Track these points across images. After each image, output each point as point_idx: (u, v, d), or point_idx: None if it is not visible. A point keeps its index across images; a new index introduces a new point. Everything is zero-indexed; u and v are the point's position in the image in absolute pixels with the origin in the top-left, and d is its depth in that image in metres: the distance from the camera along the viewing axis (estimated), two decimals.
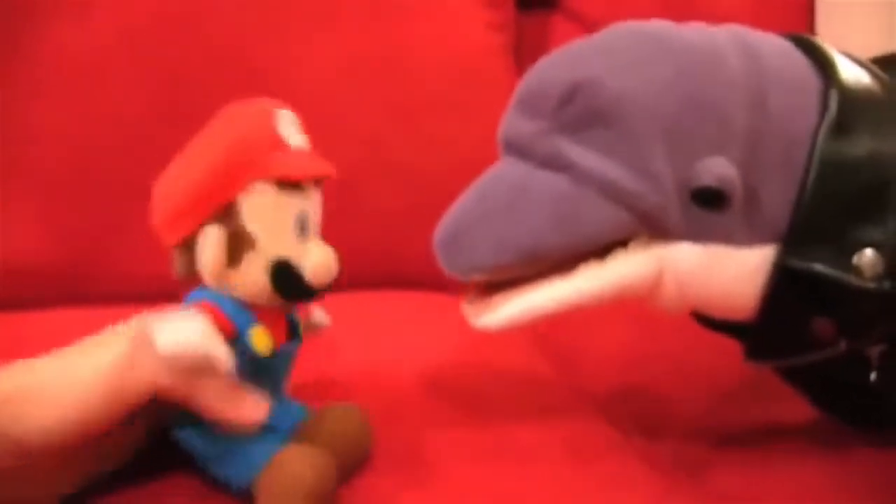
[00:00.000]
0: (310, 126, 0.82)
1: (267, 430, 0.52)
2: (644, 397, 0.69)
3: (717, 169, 0.52)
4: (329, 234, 0.54)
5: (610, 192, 0.53)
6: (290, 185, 0.51)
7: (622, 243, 0.54)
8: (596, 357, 0.74)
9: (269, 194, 0.50)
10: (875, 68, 0.57)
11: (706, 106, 0.53)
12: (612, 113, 0.53)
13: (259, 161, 0.50)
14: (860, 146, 0.54)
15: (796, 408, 0.62)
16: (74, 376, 0.48)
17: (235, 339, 0.50)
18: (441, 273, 0.56)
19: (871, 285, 0.52)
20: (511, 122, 0.57)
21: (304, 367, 0.56)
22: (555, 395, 0.68)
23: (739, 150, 0.53)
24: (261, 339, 0.51)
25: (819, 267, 0.53)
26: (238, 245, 0.50)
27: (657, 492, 0.57)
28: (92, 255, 0.79)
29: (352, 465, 0.55)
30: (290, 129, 0.52)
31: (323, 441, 0.53)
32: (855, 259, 0.53)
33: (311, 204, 0.53)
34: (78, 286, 0.80)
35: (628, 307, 0.58)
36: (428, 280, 0.57)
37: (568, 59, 0.57)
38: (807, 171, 0.53)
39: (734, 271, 0.54)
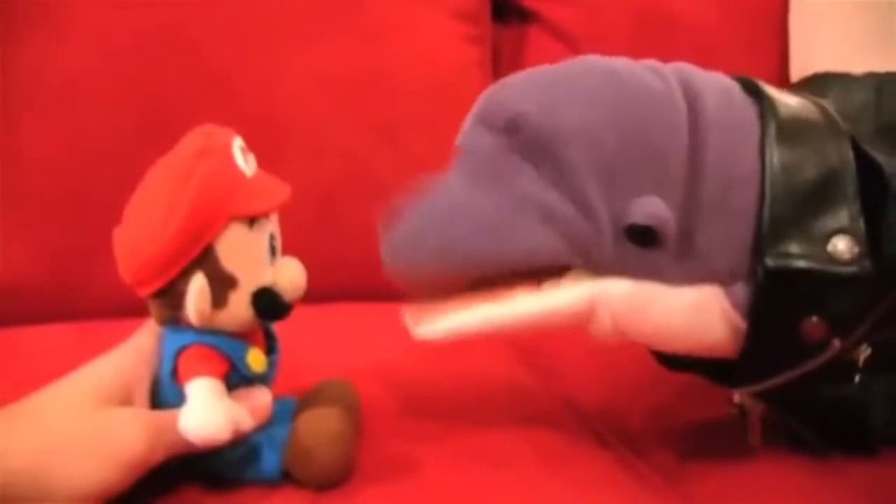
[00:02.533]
0: (290, 142, 0.84)
1: (275, 421, 0.55)
2: (621, 400, 0.69)
3: (650, 208, 0.53)
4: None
5: (548, 217, 0.54)
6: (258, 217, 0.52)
7: (557, 273, 0.55)
8: (574, 362, 0.74)
9: (242, 232, 0.51)
10: (818, 103, 0.59)
11: (647, 147, 0.54)
12: (549, 146, 0.54)
13: (231, 204, 0.50)
14: (803, 148, 0.55)
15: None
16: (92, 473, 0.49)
17: (232, 369, 0.52)
18: None
19: (853, 268, 0.53)
20: (470, 134, 0.58)
21: (285, 378, 0.57)
22: (532, 400, 0.69)
23: (677, 193, 0.54)
24: (257, 361, 0.53)
25: (800, 263, 0.53)
26: (221, 287, 0.50)
27: (632, 494, 0.58)
28: (79, 271, 0.79)
29: (355, 422, 0.58)
30: (244, 158, 0.52)
31: (325, 403, 0.57)
32: (830, 247, 0.54)
33: (275, 223, 0.54)
34: (66, 302, 0.80)
35: None
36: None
37: (519, 87, 0.57)
38: (761, 182, 0.54)
39: (666, 308, 0.55)
